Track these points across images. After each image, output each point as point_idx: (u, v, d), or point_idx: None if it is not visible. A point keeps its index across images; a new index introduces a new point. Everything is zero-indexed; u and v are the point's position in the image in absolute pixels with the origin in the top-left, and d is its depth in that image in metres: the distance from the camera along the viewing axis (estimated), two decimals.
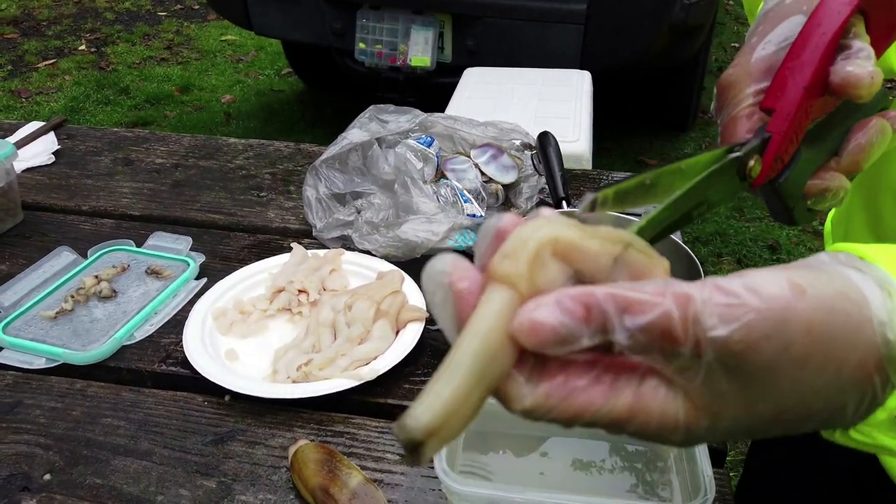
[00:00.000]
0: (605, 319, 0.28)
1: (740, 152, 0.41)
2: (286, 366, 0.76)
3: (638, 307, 0.28)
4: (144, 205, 1.09)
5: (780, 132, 0.42)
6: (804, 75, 0.42)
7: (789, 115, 0.42)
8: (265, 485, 0.66)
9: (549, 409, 0.29)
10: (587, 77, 2.05)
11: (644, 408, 0.30)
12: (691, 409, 0.30)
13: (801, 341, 0.28)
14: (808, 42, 0.42)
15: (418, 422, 0.27)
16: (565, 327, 0.28)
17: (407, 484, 0.66)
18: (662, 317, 0.28)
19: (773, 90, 0.43)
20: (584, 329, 0.28)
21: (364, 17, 2.70)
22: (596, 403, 0.29)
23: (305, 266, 0.89)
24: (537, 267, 0.29)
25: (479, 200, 0.99)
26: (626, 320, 0.28)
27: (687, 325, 0.28)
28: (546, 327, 0.28)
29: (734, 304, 0.28)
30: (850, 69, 0.41)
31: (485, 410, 0.66)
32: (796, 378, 0.29)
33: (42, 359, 0.79)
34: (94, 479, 0.66)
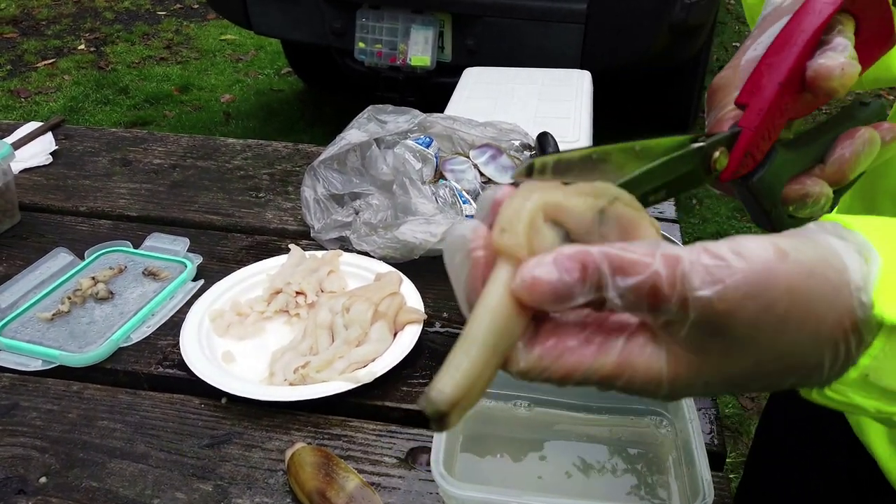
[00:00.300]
0: (599, 277, 0.30)
1: (704, 143, 0.41)
2: (283, 368, 0.76)
3: (630, 267, 0.30)
4: (142, 205, 1.09)
5: (751, 127, 0.42)
6: (780, 71, 0.42)
7: (761, 111, 0.42)
8: (262, 488, 0.65)
9: (543, 369, 0.32)
10: (587, 77, 2.04)
11: (630, 364, 0.32)
12: (674, 363, 0.32)
13: (782, 301, 0.30)
14: (788, 39, 0.42)
15: (443, 394, 0.30)
16: (563, 283, 0.30)
17: (404, 487, 0.65)
18: (651, 276, 0.30)
19: (748, 86, 0.43)
20: (580, 286, 0.30)
21: (364, 17, 2.69)
22: (586, 362, 0.32)
23: (303, 267, 0.89)
24: (533, 234, 0.31)
25: (477, 202, 0.98)
26: (618, 280, 0.30)
27: (674, 284, 0.30)
28: (545, 284, 0.30)
29: (720, 266, 0.30)
30: (821, 61, 0.41)
31: (483, 414, 0.65)
32: (776, 336, 0.31)
33: (38, 361, 0.79)
34: (91, 483, 0.66)
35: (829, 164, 0.45)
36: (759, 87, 0.42)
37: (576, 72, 2.08)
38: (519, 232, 0.31)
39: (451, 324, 0.85)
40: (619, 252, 0.30)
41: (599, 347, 0.32)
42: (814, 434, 0.76)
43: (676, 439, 0.62)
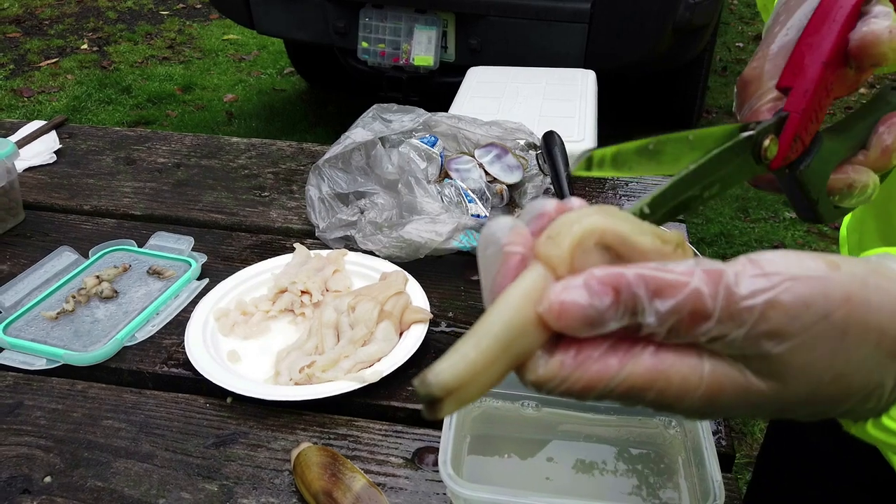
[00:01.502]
0: (634, 302, 0.27)
1: (754, 130, 0.39)
2: (289, 367, 0.75)
3: (668, 288, 0.27)
4: (146, 204, 1.09)
5: (798, 110, 0.40)
6: (822, 50, 0.40)
7: (807, 93, 0.40)
8: (267, 488, 0.65)
9: (563, 379, 0.29)
10: (592, 76, 2.03)
11: (664, 373, 0.28)
12: (718, 377, 0.28)
13: (840, 311, 0.28)
14: (827, 15, 0.40)
15: (438, 379, 0.28)
16: (594, 309, 0.27)
17: (411, 488, 0.65)
18: (692, 294, 0.27)
19: (789, 68, 0.41)
20: (613, 311, 0.27)
21: (367, 16, 2.69)
22: (611, 371, 0.28)
23: (308, 267, 0.89)
24: (579, 252, 0.29)
25: (483, 201, 0.98)
26: (656, 303, 0.27)
27: (717, 298, 0.27)
28: (574, 309, 0.27)
29: (770, 273, 0.27)
30: (865, 28, 0.39)
31: (490, 414, 0.65)
32: (835, 350, 0.28)
33: (43, 360, 0.78)
34: (95, 482, 0.66)
35: (873, 150, 0.43)
36: (801, 67, 0.40)
37: (580, 71, 2.07)
38: (564, 243, 0.29)
39: (457, 323, 0.84)
40: (655, 272, 0.28)
41: (626, 355, 0.29)
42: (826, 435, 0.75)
43: (686, 440, 0.62)
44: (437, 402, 0.28)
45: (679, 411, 0.29)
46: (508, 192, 1.02)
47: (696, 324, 0.27)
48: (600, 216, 0.30)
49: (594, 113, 1.82)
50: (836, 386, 0.29)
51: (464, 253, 0.91)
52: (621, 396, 0.29)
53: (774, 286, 0.27)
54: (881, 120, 0.43)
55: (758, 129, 0.39)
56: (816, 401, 0.29)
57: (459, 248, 0.90)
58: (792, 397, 0.29)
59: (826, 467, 0.78)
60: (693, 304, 0.27)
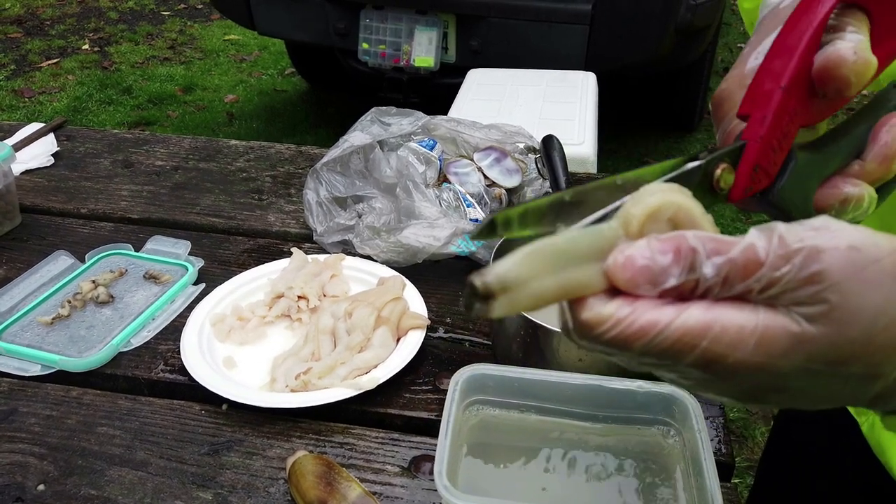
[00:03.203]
0: (693, 258, 0.30)
1: (703, 160, 0.37)
2: (285, 374, 0.75)
3: (725, 247, 0.30)
4: (143, 208, 1.08)
5: (756, 138, 0.38)
6: (782, 74, 0.38)
7: (766, 120, 0.38)
8: (262, 497, 0.64)
9: (617, 321, 0.30)
10: (592, 78, 2.03)
11: (718, 319, 0.30)
12: (771, 325, 0.30)
13: (890, 256, 0.29)
14: (788, 38, 0.38)
15: (498, 271, 0.29)
16: (657, 264, 0.30)
17: (407, 497, 0.64)
18: (748, 248, 0.29)
19: (749, 95, 0.39)
20: (674, 267, 0.30)
21: (367, 17, 2.68)
22: (666, 317, 0.30)
23: (305, 271, 0.88)
24: (652, 220, 0.32)
25: (481, 205, 0.97)
26: (714, 259, 0.30)
27: (770, 246, 0.29)
28: (638, 263, 0.30)
29: (817, 226, 0.29)
30: (830, 49, 0.37)
31: (487, 423, 0.64)
32: (888, 295, 0.29)
33: (37, 366, 0.78)
34: (89, 490, 0.65)
35: (871, 158, 0.39)
36: (760, 93, 0.38)
37: (580, 73, 2.07)
38: (641, 209, 0.31)
39: (455, 329, 0.84)
40: (714, 236, 0.30)
41: (681, 306, 0.30)
42: (828, 444, 0.75)
43: (684, 449, 0.61)
44: (490, 298, 0.29)
45: (729, 367, 0.30)
46: (507, 196, 1.02)
47: (750, 272, 0.29)
48: (680, 195, 0.32)
49: (594, 115, 1.81)
50: (889, 333, 0.29)
51: (462, 258, 0.90)
52: (671, 347, 0.30)
53: (824, 231, 0.29)
54: (880, 122, 0.40)
55: (707, 158, 0.37)
56: (871, 350, 0.30)
57: (458, 252, 0.89)
58: (846, 345, 0.29)
59: (829, 473, 0.77)
60: (748, 255, 0.29)
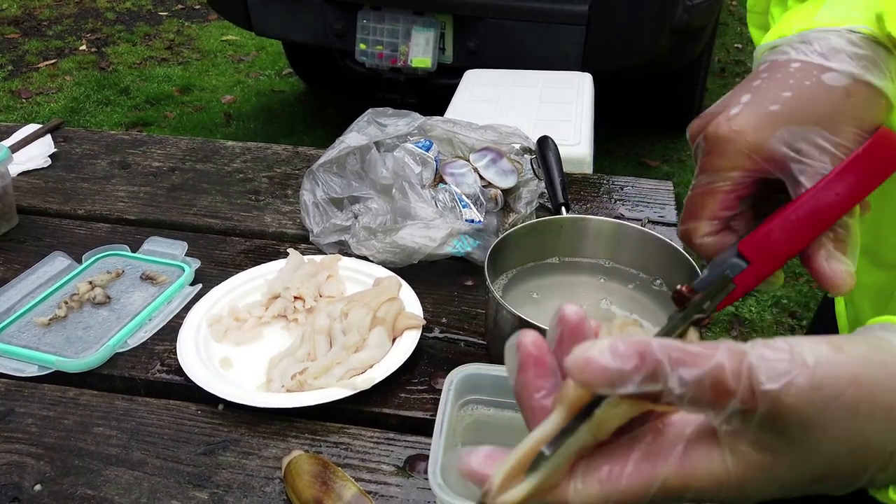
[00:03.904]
0: (657, 368, 0.29)
1: (704, 314, 0.39)
2: (281, 374, 0.75)
3: (692, 359, 0.29)
4: (140, 209, 1.09)
5: (743, 288, 0.42)
6: (796, 246, 0.42)
7: (761, 277, 0.42)
8: (258, 496, 0.65)
9: (606, 499, 0.31)
10: (588, 79, 2.04)
11: (692, 471, 0.31)
12: (742, 465, 0.31)
13: (848, 392, 0.30)
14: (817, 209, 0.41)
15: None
16: (616, 368, 0.29)
17: (402, 496, 0.65)
18: (716, 369, 0.29)
19: (757, 240, 0.42)
20: (635, 374, 0.29)
21: (365, 18, 2.69)
22: (645, 480, 0.31)
23: (302, 272, 0.88)
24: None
25: (477, 205, 0.98)
26: (680, 371, 0.29)
27: (740, 377, 0.29)
28: (598, 364, 0.29)
29: (784, 360, 0.29)
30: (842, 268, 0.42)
31: (482, 423, 0.64)
32: (847, 428, 0.30)
33: (34, 366, 0.78)
34: (86, 490, 0.66)
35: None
36: (769, 250, 0.42)
37: (577, 74, 2.07)
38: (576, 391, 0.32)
39: (451, 329, 0.84)
40: (681, 344, 0.30)
41: (656, 460, 0.31)
42: None
43: None
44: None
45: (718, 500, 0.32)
46: (503, 196, 1.02)
47: (719, 399, 0.29)
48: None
49: (591, 116, 1.82)
50: (852, 458, 0.31)
51: (457, 258, 0.91)
52: (665, 500, 0.31)
53: (790, 371, 0.29)
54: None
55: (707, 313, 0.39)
56: (837, 473, 0.31)
57: (453, 253, 0.90)
58: (814, 472, 0.31)
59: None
60: (716, 377, 0.29)
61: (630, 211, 1.07)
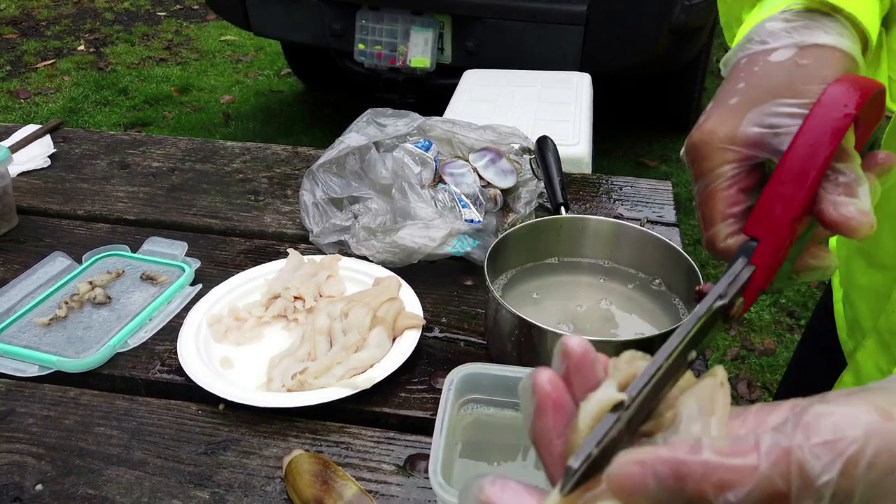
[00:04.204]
0: (701, 493, 0.27)
1: (726, 300, 0.38)
2: (281, 374, 0.75)
3: (736, 478, 0.27)
4: (140, 209, 1.09)
5: (764, 266, 0.40)
6: (792, 207, 0.41)
7: (775, 250, 0.41)
8: (259, 496, 0.65)
9: None
10: (587, 79, 2.04)
11: None
12: None
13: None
14: (797, 165, 0.41)
15: None
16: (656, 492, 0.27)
17: (403, 495, 0.65)
18: (762, 481, 0.27)
19: (758, 216, 0.42)
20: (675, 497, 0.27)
21: (363, 18, 2.69)
22: None
23: (302, 272, 0.89)
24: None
25: (477, 205, 0.98)
26: (728, 495, 0.27)
27: (791, 480, 0.27)
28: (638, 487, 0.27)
29: (832, 441, 0.27)
30: (852, 210, 0.40)
31: (482, 421, 0.64)
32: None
33: (35, 366, 0.78)
34: (87, 490, 0.66)
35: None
36: (770, 220, 0.41)
37: (575, 74, 2.08)
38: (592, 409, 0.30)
39: (451, 329, 0.84)
40: (719, 459, 0.27)
41: None
42: None
43: None
44: None
45: None
46: (502, 196, 1.02)
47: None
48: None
49: (589, 116, 1.82)
50: None
51: (457, 258, 0.91)
52: None
53: (842, 453, 0.27)
54: None
55: (729, 298, 0.39)
56: None
57: (453, 253, 0.90)
58: None
59: None
60: (766, 489, 0.27)
61: (629, 211, 1.07)
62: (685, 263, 0.78)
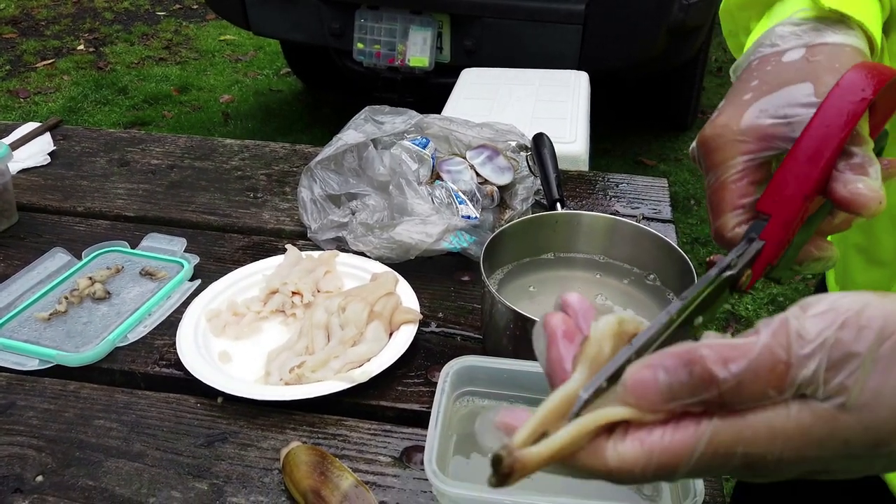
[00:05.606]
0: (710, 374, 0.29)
1: (734, 271, 0.40)
2: (279, 368, 0.76)
3: (739, 352, 0.29)
4: (139, 206, 1.09)
5: (774, 241, 0.41)
6: (805, 184, 0.41)
7: (786, 225, 0.41)
8: (257, 487, 0.66)
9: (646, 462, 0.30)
10: (584, 78, 2.05)
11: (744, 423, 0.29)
12: (804, 414, 0.29)
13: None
14: (812, 144, 0.41)
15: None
16: (669, 384, 0.29)
17: (399, 486, 0.66)
18: (764, 350, 0.29)
19: (770, 193, 0.42)
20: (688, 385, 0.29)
21: (362, 17, 2.70)
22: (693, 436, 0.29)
23: (299, 268, 0.89)
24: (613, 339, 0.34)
25: (473, 202, 0.99)
26: (730, 367, 0.29)
27: (790, 347, 0.28)
28: (648, 384, 0.30)
29: (828, 310, 0.29)
30: (861, 187, 0.41)
31: (474, 413, 0.65)
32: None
33: (35, 360, 0.79)
34: (87, 481, 0.66)
35: (837, 217, 0.45)
36: (783, 197, 0.42)
37: (573, 73, 2.08)
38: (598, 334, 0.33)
39: (447, 324, 0.85)
40: (723, 341, 0.29)
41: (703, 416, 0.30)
42: None
43: None
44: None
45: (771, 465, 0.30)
46: (499, 193, 1.03)
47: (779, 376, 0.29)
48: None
49: (586, 114, 1.83)
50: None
51: (454, 254, 0.92)
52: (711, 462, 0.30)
53: (838, 318, 0.29)
54: None
55: (738, 268, 0.40)
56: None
57: (449, 249, 0.91)
58: (881, 427, 0.29)
59: None
60: (769, 359, 0.28)
61: (625, 208, 1.08)
62: (679, 259, 0.79)
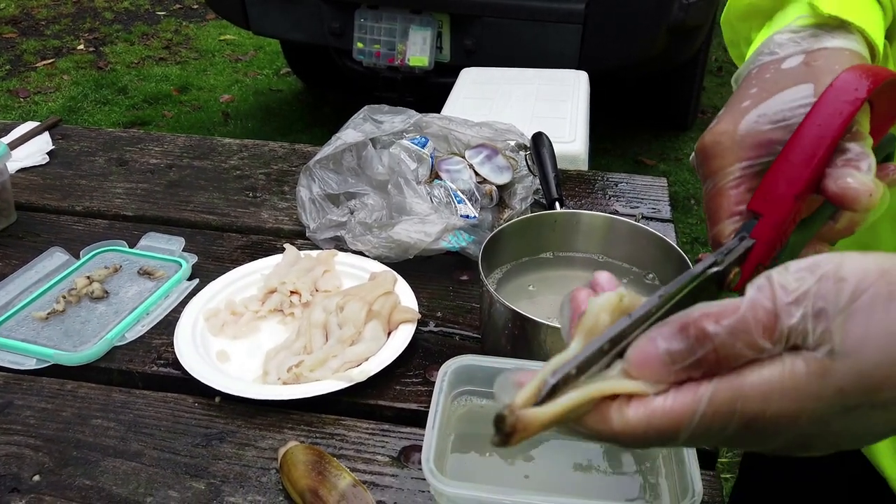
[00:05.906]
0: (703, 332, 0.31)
1: (721, 267, 0.40)
2: (277, 367, 0.76)
3: (730, 309, 0.31)
4: (138, 205, 1.09)
5: (764, 241, 0.41)
6: (796, 183, 0.41)
7: (776, 224, 0.41)
8: (254, 486, 0.65)
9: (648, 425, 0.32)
10: (584, 77, 2.04)
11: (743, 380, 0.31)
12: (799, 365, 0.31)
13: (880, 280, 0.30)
14: (804, 144, 0.41)
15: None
16: (669, 352, 0.32)
17: (396, 486, 0.66)
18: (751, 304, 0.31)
19: (762, 192, 0.42)
20: (687, 347, 0.31)
21: (362, 17, 2.69)
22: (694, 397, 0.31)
23: (298, 267, 0.89)
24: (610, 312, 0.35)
25: (472, 201, 0.99)
26: (722, 322, 0.31)
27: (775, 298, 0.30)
28: (650, 356, 0.32)
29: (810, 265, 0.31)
30: (850, 181, 0.40)
31: (474, 413, 0.65)
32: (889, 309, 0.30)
33: (33, 359, 0.79)
34: (84, 481, 0.66)
35: (840, 222, 0.45)
36: (773, 196, 0.41)
37: (573, 72, 2.08)
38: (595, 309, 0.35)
39: (445, 323, 0.85)
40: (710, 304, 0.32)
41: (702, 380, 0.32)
42: None
43: None
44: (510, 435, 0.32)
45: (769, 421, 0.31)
46: (498, 192, 1.03)
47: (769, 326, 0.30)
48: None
49: (586, 114, 1.83)
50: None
51: (452, 253, 0.92)
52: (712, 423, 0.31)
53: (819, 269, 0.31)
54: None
55: (724, 265, 0.40)
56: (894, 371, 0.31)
57: (448, 248, 0.91)
58: (871, 367, 0.30)
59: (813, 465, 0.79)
60: (759, 311, 0.30)
61: (624, 207, 1.08)
62: (678, 258, 0.79)
